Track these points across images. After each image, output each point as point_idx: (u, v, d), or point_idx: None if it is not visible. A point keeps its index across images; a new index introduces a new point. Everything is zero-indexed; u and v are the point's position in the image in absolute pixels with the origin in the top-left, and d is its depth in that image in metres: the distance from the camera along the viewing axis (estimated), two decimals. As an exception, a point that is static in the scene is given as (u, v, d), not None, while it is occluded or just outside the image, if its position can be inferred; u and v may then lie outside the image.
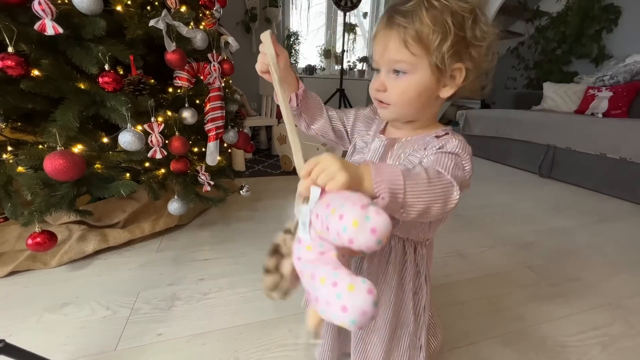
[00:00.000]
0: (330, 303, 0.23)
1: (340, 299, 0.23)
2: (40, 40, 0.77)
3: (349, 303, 0.22)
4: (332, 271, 0.25)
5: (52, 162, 0.73)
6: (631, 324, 0.83)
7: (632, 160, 1.74)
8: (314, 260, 0.29)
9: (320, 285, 0.25)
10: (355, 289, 0.23)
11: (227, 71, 1.13)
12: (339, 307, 0.22)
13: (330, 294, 0.24)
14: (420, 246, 0.49)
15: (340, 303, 0.23)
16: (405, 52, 0.39)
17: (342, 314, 0.22)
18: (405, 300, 0.50)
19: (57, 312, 0.80)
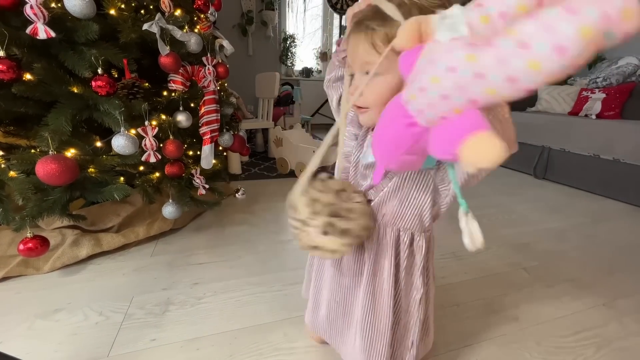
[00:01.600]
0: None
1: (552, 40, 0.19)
2: (33, 44, 0.77)
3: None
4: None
5: (45, 167, 0.72)
6: (625, 325, 0.84)
7: (626, 161, 1.76)
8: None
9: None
10: None
11: (221, 74, 1.13)
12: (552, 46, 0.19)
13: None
14: (418, 237, 0.48)
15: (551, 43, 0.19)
16: (375, 54, 0.39)
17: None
18: (398, 291, 0.50)
19: (49, 319, 0.79)
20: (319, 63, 4.38)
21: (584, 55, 0.19)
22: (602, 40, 0.18)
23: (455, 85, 0.24)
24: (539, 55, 0.20)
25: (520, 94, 0.22)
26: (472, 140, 0.23)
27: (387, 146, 0.32)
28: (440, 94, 0.25)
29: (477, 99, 0.24)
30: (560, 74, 0.20)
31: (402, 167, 0.34)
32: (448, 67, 0.24)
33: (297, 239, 0.43)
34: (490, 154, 0.22)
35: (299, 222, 0.42)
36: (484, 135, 0.23)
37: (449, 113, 0.26)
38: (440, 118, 0.26)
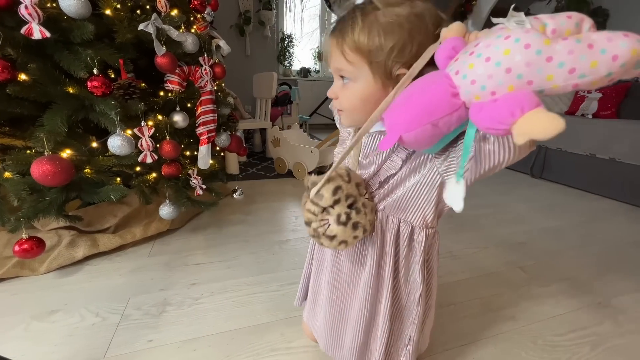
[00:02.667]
0: None
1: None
2: (28, 44, 0.76)
3: None
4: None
5: (40, 168, 0.72)
6: (620, 323, 0.84)
7: (622, 161, 1.77)
8: None
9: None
10: None
11: (218, 74, 1.13)
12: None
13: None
14: (419, 231, 0.47)
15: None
16: (344, 61, 0.39)
17: None
18: (396, 285, 0.50)
19: (45, 320, 0.78)
20: (317, 63, 4.38)
21: (623, 70, 0.25)
22: (635, 64, 0.25)
23: (525, 60, 0.27)
24: (600, 57, 0.25)
25: (567, 88, 0.27)
26: (533, 113, 0.26)
27: (419, 110, 0.33)
28: (506, 66, 0.27)
29: (535, 80, 0.27)
30: (601, 80, 0.25)
31: (419, 138, 0.34)
32: (525, 44, 0.27)
33: (310, 225, 0.43)
34: (552, 124, 0.25)
35: (318, 208, 0.41)
36: (543, 110, 0.26)
37: (502, 88, 0.28)
38: (491, 92, 0.29)
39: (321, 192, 0.41)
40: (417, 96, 0.33)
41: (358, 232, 0.42)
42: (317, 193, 0.41)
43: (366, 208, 0.44)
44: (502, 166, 0.35)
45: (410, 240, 0.48)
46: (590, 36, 0.25)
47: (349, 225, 0.41)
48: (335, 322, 0.56)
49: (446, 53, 0.33)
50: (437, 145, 0.37)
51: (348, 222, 0.41)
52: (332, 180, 0.41)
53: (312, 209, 0.42)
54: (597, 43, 0.25)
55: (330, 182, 0.41)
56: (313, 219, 0.42)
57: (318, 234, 0.42)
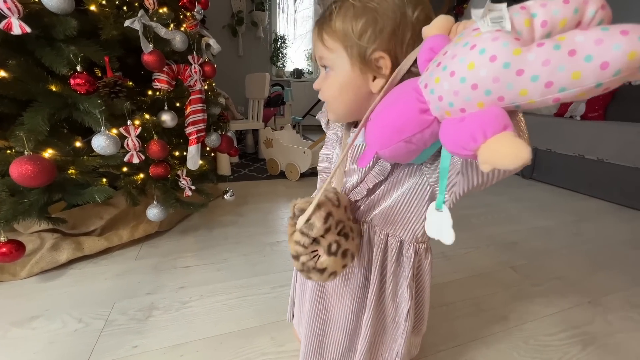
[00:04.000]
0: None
1: None
2: (7, 39, 0.74)
3: None
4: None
5: (19, 168, 0.69)
6: (610, 322, 0.85)
7: (609, 161, 1.80)
8: None
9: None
10: None
11: (208, 73, 1.11)
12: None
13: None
14: (408, 246, 0.45)
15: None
16: (322, 47, 0.39)
17: None
18: (383, 301, 0.48)
19: (25, 327, 0.75)
20: (310, 64, 4.38)
21: (619, 78, 0.20)
22: (637, 69, 0.19)
23: (492, 75, 0.23)
24: (583, 66, 0.20)
25: (546, 102, 0.22)
26: (497, 138, 0.22)
27: (388, 128, 0.30)
28: (472, 82, 0.24)
29: (506, 96, 0.23)
30: (590, 91, 0.21)
31: (395, 155, 0.32)
32: (490, 56, 0.23)
33: (299, 259, 0.38)
34: (515, 155, 0.21)
35: (308, 239, 0.37)
36: (510, 135, 0.22)
37: (471, 105, 0.24)
38: (460, 109, 0.25)
39: (312, 220, 0.36)
40: (386, 111, 0.31)
41: (347, 260, 0.39)
42: (307, 222, 0.36)
43: (353, 232, 0.41)
44: (493, 181, 0.32)
45: (399, 255, 0.45)
46: (574, 38, 0.21)
47: (339, 254, 0.38)
48: (317, 336, 0.53)
49: (424, 55, 0.30)
50: (422, 156, 0.34)
51: (338, 250, 0.38)
52: (322, 206, 0.37)
53: (302, 240, 0.37)
54: (580, 48, 0.20)
55: (321, 209, 0.37)
56: (302, 251, 0.37)
57: (308, 268, 0.37)
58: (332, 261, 0.37)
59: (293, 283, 0.63)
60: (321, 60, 0.41)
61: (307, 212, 0.36)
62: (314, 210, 0.36)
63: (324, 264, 0.37)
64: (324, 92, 0.42)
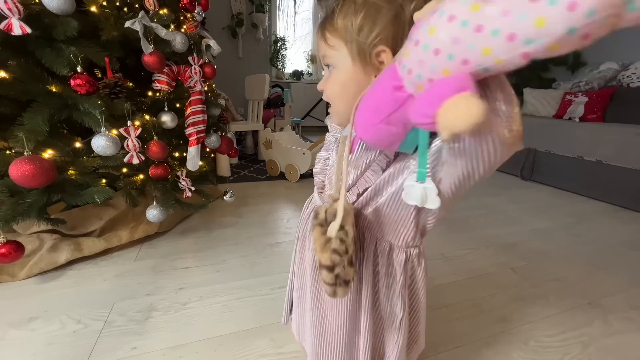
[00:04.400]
0: None
1: None
2: (7, 40, 0.74)
3: None
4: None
5: (19, 168, 0.69)
6: (609, 323, 0.85)
7: (608, 163, 1.81)
8: None
9: None
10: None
11: (208, 75, 1.11)
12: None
13: None
14: (397, 250, 0.43)
15: None
16: (325, 45, 0.39)
17: None
18: (377, 309, 0.46)
19: (24, 328, 0.75)
20: (310, 66, 4.39)
21: (597, 22, 0.17)
22: (622, 7, 0.17)
23: (451, 36, 0.22)
24: (547, 10, 0.18)
25: (515, 60, 0.20)
26: (451, 100, 0.21)
27: (368, 110, 0.30)
28: (433, 48, 0.23)
29: (469, 59, 0.22)
30: (564, 40, 0.18)
31: (378, 138, 0.31)
32: (448, 16, 0.22)
33: (333, 271, 0.33)
34: (467, 114, 0.20)
35: (345, 247, 0.33)
36: (464, 95, 0.21)
37: (437, 73, 0.24)
38: (428, 80, 0.25)
39: (346, 227, 0.33)
40: (366, 94, 0.31)
41: (356, 269, 0.36)
42: (341, 229, 0.33)
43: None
44: (481, 170, 0.31)
45: (389, 260, 0.43)
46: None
47: (355, 263, 0.35)
48: (319, 343, 0.52)
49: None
50: (408, 144, 0.32)
51: (355, 260, 0.35)
52: (349, 214, 0.34)
53: (340, 248, 0.32)
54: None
55: (349, 215, 0.34)
56: (339, 261, 0.33)
57: (339, 281, 0.33)
58: (353, 271, 0.34)
59: (289, 290, 0.62)
60: (324, 59, 0.41)
61: (339, 218, 0.33)
62: (344, 216, 0.33)
63: (349, 274, 0.34)
64: (327, 91, 0.42)
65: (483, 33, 0.20)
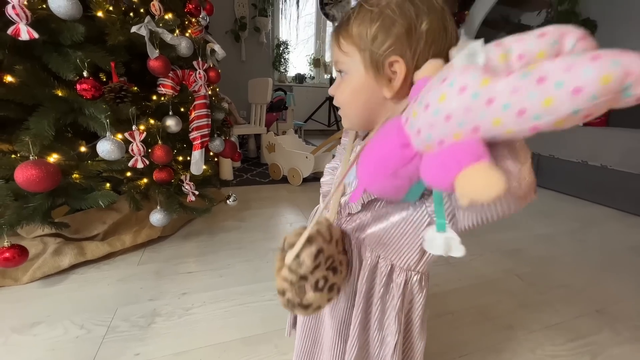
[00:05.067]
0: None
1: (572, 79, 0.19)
2: (15, 45, 0.74)
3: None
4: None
5: (24, 173, 0.69)
6: (618, 331, 0.84)
7: (613, 168, 1.80)
8: None
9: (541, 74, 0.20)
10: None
11: (213, 79, 1.11)
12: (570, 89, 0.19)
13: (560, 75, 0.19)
14: (398, 272, 0.42)
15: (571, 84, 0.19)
16: (339, 51, 0.40)
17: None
18: (368, 329, 0.45)
19: (26, 333, 0.75)
20: (312, 70, 4.41)
21: (597, 104, 0.19)
22: (619, 93, 0.19)
23: (462, 106, 0.23)
24: (554, 92, 0.19)
25: (525, 132, 0.22)
26: (470, 170, 0.22)
27: (373, 164, 0.31)
28: (444, 114, 0.24)
29: (480, 127, 0.23)
30: (568, 119, 0.20)
31: (383, 191, 0.32)
32: (460, 87, 0.23)
33: (284, 295, 0.35)
34: (489, 187, 0.21)
35: (296, 276, 0.34)
36: (483, 166, 0.22)
37: (448, 137, 0.25)
38: (438, 142, 0.25)
39: (301, 257, 0.34)
40: (372, 147, 0.31)
41: (333, 294, 0.37)
42: (295, 258, 0.34)
43: (342, 266, 0.39)
44: (495, 218, 0.32)
45: (388, 280, 0.42)
46: (543, 66, 0.20)
47: (326, 289, 0.36)
48: (307, 351, 0.52)
49: (413, 93, 0.31)
50: (413, 194, 0.33)
51: (325, 286, 0.36)
52: (313, 242, 0.35)
53: (289, 277, 0.34)
54: (550, 75, 0.20)
55: (312, 245, 0.35)
56: (288, 288, 0.35)
57: (293, 304, 0.35)
58: (318, 297, 0.36)
59: None
60: (337, 64, 0.41)
61: (296, 248, 0.34)
62: (303, 246, 0.34)
63: (309, 300, 0.35)
64: (338, 97, 0.42)
65: (494, 106, 0.21)
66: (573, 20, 2.89)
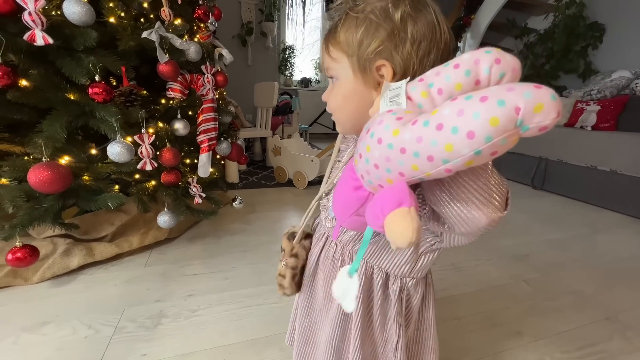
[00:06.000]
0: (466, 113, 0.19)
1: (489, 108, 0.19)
2: (30, 50, 0.76)
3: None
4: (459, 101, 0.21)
5: (37, 174, 0.71)
6: (629, 339, 0.82)
7: (623, 173, 1.77)
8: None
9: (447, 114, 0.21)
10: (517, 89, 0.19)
11: (220, 83, 1.13)
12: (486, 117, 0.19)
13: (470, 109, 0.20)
14: (393, 279, 0.43)
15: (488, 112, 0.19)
16: (328, 58, 0.40)
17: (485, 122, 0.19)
18: (371, 331, 0.46)
19: (36, 332, 0.76)
20: (318, 73, 4.43)
21: (499, 142, 0.19)
22: (516, 129, 0.19)
23: (383, 156, 0.24)
24: (452, 138, 0.20)
25: (441, 173, 0.22)
26: (390, 216, 0.23)
27: (339, 206, 0.33)
28: (373, 163, 0.26)
29: (404, 172, 0.24)
30: (475, 159, 0.20)
31: (354, 227, 0.34)
32: (377, 138, 0.25)
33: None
34: (402, 233, 0.22)
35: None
36: (400, 212, 0.23)
37: (383, 182, 0.26)
38: (378, 185, 0.27)
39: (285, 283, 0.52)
40: (337, 188, 0.33)
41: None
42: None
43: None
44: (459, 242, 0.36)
45: (384, 288, 0.44)
46: (442, 111, 0.21)
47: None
48: (303, 350, 0.54)
49: (364, 133, 0.31)
50: None
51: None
52: (287, 253, 0.51)
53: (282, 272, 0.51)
54: (446, 121, 0.20)
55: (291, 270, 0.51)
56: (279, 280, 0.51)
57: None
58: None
59: (294, 310, 0.62)
60: (328, 70, 0.42)
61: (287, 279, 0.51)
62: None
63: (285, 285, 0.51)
64: (330, 103, 0.43)
65: (407, 154, 0.23)
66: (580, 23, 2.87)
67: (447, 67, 0.23)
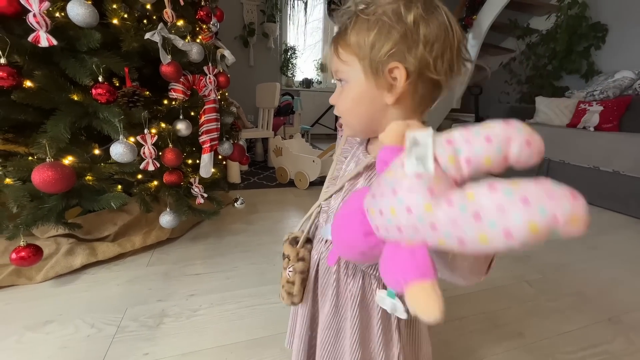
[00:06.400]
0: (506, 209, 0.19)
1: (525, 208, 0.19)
2: (34, 51, 0.77)
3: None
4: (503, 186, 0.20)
5: (41, 174, 0.71)
6: (632, 340, 0.81)
7: (626, 174, 1.76)
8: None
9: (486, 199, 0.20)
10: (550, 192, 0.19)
11: (222, 84, 1.14)
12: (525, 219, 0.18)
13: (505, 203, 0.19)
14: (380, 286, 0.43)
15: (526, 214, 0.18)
16: (338, 61, 0.40)
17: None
18: (370, 339, 0.45)
19: (39, 331, 0.76)
20: (319, 74, 4.44)
21: (530, 244, 0.19)
22: (547, 235, 0.19)
23: (410, 224, 0.24)
24: (489, 231, 0.20)
25: (470, 255, 0.23)
26: (414, 287, 0.23)
27: (343, 242, 0.32)
28: (396, 225, 0.25)
29: (428, 242, 0.24)
30: (507, 251, 0.20)
31: (356, 262, 0.35)
32: (406, 207, 0.24)
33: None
34: (426, 311, 0.22)
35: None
36: (425, 288, 0.23)
37: (402, 241, 0.26)
38: (395, 241, 0.27)
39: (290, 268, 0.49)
40: (342, 222, 0.32)
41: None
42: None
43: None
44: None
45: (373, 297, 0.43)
46: (480, 200, 0.20)
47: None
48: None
49: (379, 166, 0.30)
50: None
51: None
52: (293, 259, 0.50)
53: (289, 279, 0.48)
54: (485, 212, 0.20)
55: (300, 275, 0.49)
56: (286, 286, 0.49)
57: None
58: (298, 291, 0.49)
59: (293, 313, 0.61)
60: (337, 74, 0.41)
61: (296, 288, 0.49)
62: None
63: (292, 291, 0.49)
64: (339, 106, 0.42)
65: (437, 231, 0.22)
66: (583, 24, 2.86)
67: (478, 138, 0.23)
